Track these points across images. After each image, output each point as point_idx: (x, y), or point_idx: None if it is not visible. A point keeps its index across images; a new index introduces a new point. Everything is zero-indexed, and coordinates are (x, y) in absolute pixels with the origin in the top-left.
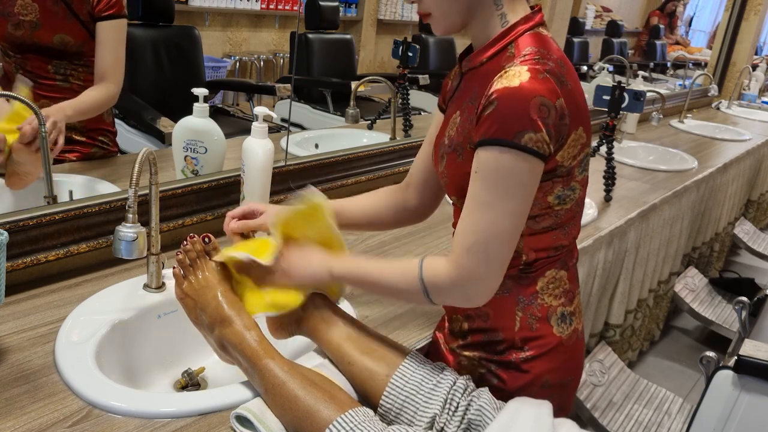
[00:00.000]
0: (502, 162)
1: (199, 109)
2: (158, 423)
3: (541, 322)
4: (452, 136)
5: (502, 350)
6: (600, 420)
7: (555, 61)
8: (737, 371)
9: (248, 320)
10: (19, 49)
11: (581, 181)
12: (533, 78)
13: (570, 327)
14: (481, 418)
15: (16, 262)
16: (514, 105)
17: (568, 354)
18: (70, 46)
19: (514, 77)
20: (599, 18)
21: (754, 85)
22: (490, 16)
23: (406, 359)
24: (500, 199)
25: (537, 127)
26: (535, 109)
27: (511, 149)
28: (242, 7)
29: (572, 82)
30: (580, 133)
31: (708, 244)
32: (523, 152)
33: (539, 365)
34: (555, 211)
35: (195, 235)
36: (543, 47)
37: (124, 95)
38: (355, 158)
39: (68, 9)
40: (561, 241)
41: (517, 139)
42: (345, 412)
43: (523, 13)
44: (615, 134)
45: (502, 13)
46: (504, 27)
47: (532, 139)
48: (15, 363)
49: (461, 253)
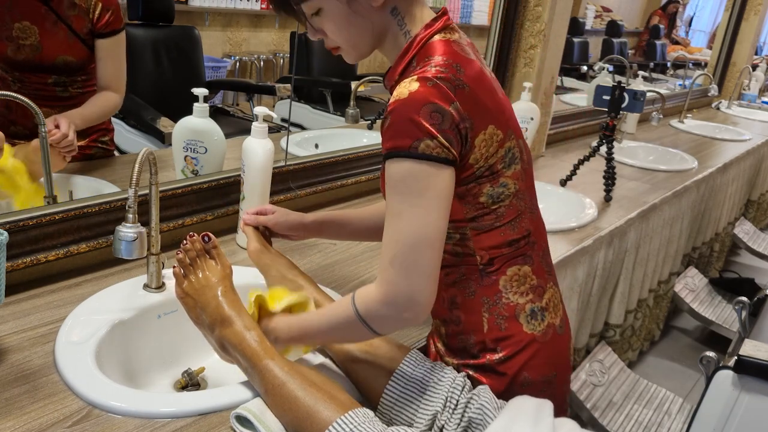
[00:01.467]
0: (404, 171)
1: (199, 109)
2: (158, 423)
3: (509, 321)
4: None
5: (476, 353)
6: (600, 420)
7: (449, 66)
8: (737, 371)
9: (248, 320)
10: (19, 69)
11: (512, 175)
12: (422, 87)
13: (543, 323)
14: (482, 417)
15: (16, 262)
16: (405, 115)
17: (547, 350)
18: (72, 65)
19: (404, 88)
20: (599, 18)
21: (754, 85)
22: (396, 36)
23: (406, 358)
24: (410, 207)
25: (430, 133)
26: (426, 117)
27: (411, 159)
28: (242, 7)
29: (474, 83)
30: (492, 131)
31: (708, 244)
32: (423, 160)
33: (514, 364)
34: (493, 210)
35: (195, 234)
36: (442, 54)
37: (125, 95)
38: (355, 158)
39: (69, 29)
40: (511, 236)
41: (413, 149)
42: (345, 412)
43: (424, 21)
44: (615, 134)
45: (406, 30)
46: (408, 40)
47: (429, 145)
48: (15, 363)
49: (385, 269)
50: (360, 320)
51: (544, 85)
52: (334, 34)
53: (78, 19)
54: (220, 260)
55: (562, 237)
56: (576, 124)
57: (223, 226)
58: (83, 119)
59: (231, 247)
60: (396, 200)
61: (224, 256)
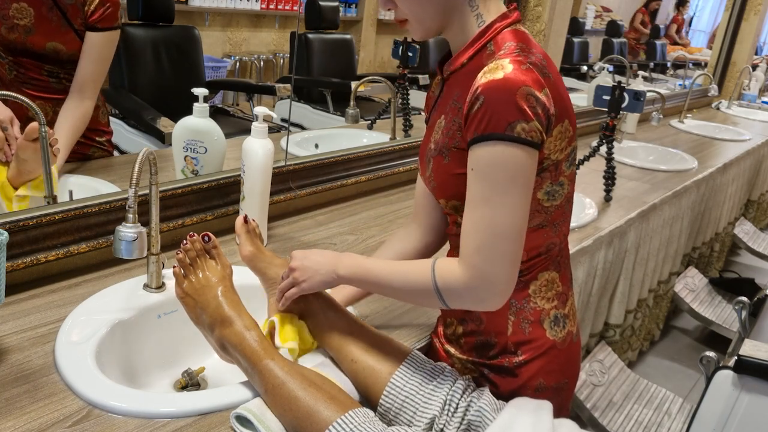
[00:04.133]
0: (497, 156)
1: (199, 109)
2: (158, 423)
3: (533, 325)
4: (437, 139)
5: (494, 354)
6: (600, 420)
7: (535, 54)
8: (737, 371)
9: (248, 320)
10: (12, 52)
11: (569, 176)
12: (516, 69)
13: (563, 330)
14: (481, 419)
15: (16, 262)
16: (502, 96)
17: (563, 357)
18: (62, 54)
19: (498, 70)
20: (599, 18)
21: (754, 85)
22: (466, 18)
23: (407, 359)
24: (500, 194)
25: (528, 116)
26: (522, 99)
27: (505, 142)
28: (242, 7)
29: (554, 75)
30: (566, 126)
31: (708, 244)
32: (517, 143)
33: (532, 369)
34: (545, 208)
35: (195, 234)
36: (522, 42)
37: (125, 95)
38: (355, 158)
39: (63, 17)
40: (552, 239)
41: (509, 131)
42: (345, 412)
43: (499, 12)
44: (615, 134)
45: (478, 13)
46: (481, 27)
47: (525, 129)
48: (15, 363)
49: (471, 254)
50: (436, 292)
51: None
52: (404, 4)
53: (74, 8)
54: (220, 260)
55: None
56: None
57: (223, 226)
58: (65, 146)
59: (231, 247)
60: (484, 186)
61: (224, 256)
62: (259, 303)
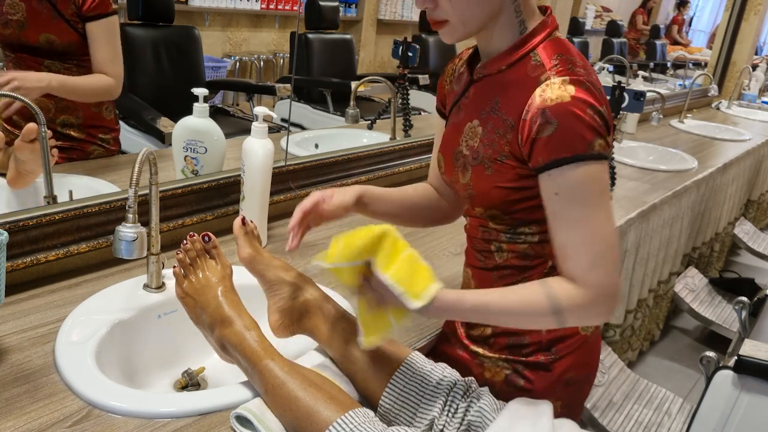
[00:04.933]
0: (585, 175)
1: (199, 109)
2: (158, 423)
3: None
4: (475, 147)
5: (528, 352)
6: (600, 420)
7: (584, 67)
8: (737, 371)
9: (248, 320)
10: (11, 48)
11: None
12: (579, 89)
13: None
14: (481, 420)
15: (16, 262)
16: (577, 119)
17: (590, 349)
18: (56, 46)
19: (562, 91)
20: (599, 18)
21: (754, 85)
22: (509, 23)
23: (407, 359)
24: (595, 209)
25: (601, 132)
26: (593, 118)
27: (590, 161)
28: (242, 7)
29: (599, 83)
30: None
31: (708, 244)
32: (600, 160)
33: (565, 363)
34: None
35: (195, 234)
36: (568, 53)
37: (124, 95)
38: (355, 158)
39: (53, 8)
40: None
41: (591, 150)
42: (345, 412)
43: (539, 18)
44: (615, 134)
45: (521, 19)
46: (523, 34)
47: (601, 144)
48: (15, 363)
49: (586, 273)
50: (554, 315)
51: None
52: (450, 4)
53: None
54: (220, 260)
55: None
56: None
57: (223, 226)
58: (61, 83)
59: (231, 247)
60: (580, 206)
61: (224, 256)
62: (259, 303)
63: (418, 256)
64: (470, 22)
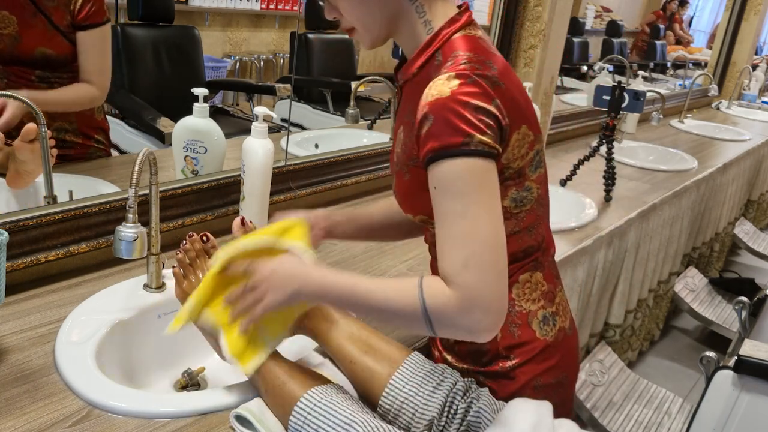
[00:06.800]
0: (458, 169)
1: (199, 109)
2: (158, 423)
3: (522, 328)
4: (398, 153)
5: (487, 361)
6: (600, 420)
7: (483, 63)
8: (737, 371)
9: None
10: (1, 61)
11: (537, 179)
12: (463, 84)
13: (554, 328)
14: (480, 420)
15: (16, 262)
16: (451, 112)
17: (559, 353)
18: (52, 59)
19: (443, 86)
20: (599, 18)
21: (754, 85)
22: (414, 24)
23: (407, 359)
24: (473, 205)
25: (480, 129)
26: (472, 113)
27: (464, 156)
28: (242, 7)
29: (508, 82)
30: (525, 131)
31: (708, 244)
32: (478, 156)
33: (527, 371)
34: (515, 215)
35: (194, 234)
36: (471, 50)
37: (124, 95)
38: (355, 158)
39: (48, 21)
40: (528, 243)
41: (464, 146)
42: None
43: (447, 16)
44: (615, 134)
45: (426, 20)
46: (430, 34)
47: (482, 141)
48: (15, 363)
49: (459, 272)
50: (425, 318)
51: (544, 85)
52: (347, 12)
53: (57, 11)
54: None
55: (562, 237)
56: (576, 124)
57: (223, 226)
58: (43, 100)
59: None
60: (455, 201)
61: None
62: None
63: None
64: (371, 27)
